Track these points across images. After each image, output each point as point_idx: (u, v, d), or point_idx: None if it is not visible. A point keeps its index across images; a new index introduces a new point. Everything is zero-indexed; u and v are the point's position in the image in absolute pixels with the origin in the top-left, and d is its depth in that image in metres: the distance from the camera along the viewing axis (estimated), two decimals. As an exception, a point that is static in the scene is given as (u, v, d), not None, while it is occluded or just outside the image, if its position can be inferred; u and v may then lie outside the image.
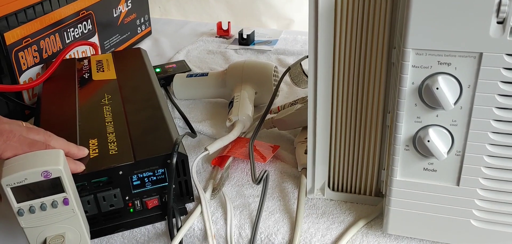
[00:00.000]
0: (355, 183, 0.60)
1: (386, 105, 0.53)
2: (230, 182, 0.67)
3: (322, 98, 0.55)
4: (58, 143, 0.56)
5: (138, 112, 0.67)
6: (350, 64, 0.52)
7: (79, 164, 0.56)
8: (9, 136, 0.52)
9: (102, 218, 0.59)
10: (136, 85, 0.75)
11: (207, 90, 0.86)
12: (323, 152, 0.59)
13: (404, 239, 0.56)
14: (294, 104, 0.77)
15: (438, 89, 0.43)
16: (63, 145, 0.56)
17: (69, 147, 0.56)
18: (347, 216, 0.60)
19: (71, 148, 0.56)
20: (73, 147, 0.57)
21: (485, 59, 0.42)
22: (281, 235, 0.58)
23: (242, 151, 0.69)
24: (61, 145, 0.56)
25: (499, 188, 0.48)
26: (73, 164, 0.55)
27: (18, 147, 0.52)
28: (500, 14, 0.39)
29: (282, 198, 0.63)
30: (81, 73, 0.80)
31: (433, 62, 0.43)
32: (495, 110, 0.44)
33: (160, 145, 0.59)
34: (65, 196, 0.51)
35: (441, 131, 0.46)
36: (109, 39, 1.05)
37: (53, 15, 0.87)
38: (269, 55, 1.08)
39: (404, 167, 0.50)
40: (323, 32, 0.51)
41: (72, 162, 0.55)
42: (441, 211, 0.51)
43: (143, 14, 1.18)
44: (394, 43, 0.49)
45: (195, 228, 0.60)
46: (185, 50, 1.12)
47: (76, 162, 0.56)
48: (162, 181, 0.60)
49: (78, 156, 0.57)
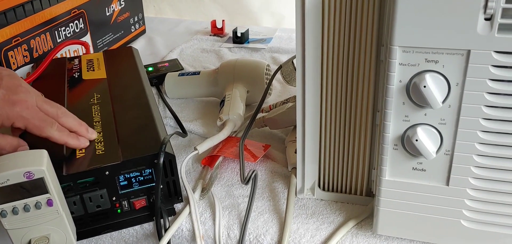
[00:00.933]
0: (345, 182, 0.60)
1: (376, 104, 0.52)
2: (219, 182, 0.66)
3: (310, 97, 0.54)
4: (69, 120, 0.58)
5: (126, 112, 0.66)
6: (339, 62, 0.52)
7: (83, 140, 0.58)
8: (23, 106, 0.54)
9: (89, 219, 0.59)
10: (126, 84, 0.74)
11: (199, 89, 0.86)
12: (312, 151, 0.58)
13: (394, 239, 0.55)
14: (285, 103, 0.76)
15: (426, 88, 0.42)
16: (74, 123, 0.58)
17: (79, 126, 0.58)
18: (337, 216, 0.59)
19: (80, 128, 0.58)
20: (83, 127, 0.59)
21: (473, 56, 0.41)
22: (270, 236, 0.57)
23: (232, 150, 0.68)
24: (72, 122, 0.58)
25: (489, 188, 0.47)
26: (76, 140, 0.57)
27: (29, 119, 0.54)
28: (488, 10, 0.38)
29: (272, 198, 0.62)
30: (71, 73, 0.79)
31: (420, 60, 0.42)
32: (484, 108, 0.43)
33: (148, 145, 0.59)
34: (49, 197, 0.51)
35: (429, 129, 0.46)
36: (102, 38, 1.05)
37: (44, 14, 0.86)
38: (263, 53, 1.07)
39: (393, 166, 0.49)
40: (311, 30, 0.50)
41: (75, 138, 0.57)
42: (431, 211, 0.50)
43: (137, 13, 1.17)
44: (383, 40, 0.48)
45: (183, 228, 0.59)
46: (178, 48, 1.12)
47: (80, 138, 0.58)
48: (150, 181, 0.59)
49: (86, 137, 0.59)
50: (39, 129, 0.55)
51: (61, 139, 0.56)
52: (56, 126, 0.56)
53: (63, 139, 0.56)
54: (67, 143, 0.57)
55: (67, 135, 0.57)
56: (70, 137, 0.57)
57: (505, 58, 0.40)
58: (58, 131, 0.56)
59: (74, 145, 0.57)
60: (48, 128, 0.55)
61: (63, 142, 0.56)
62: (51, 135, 0.55)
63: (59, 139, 0.56)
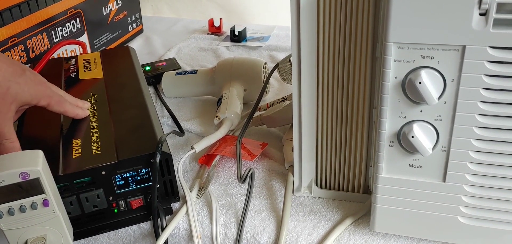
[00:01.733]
0: (342, 180, 0.59)
1: (372, 101, 0.52)
2: (216, 181, 0.66)
3: (307, 95, 0.54)
4: (67, 96, 0.65)
5: (123, 111, 0.66)
6: (335, 59, 0.51)
7: (84, 110, 0.65)
8: (47, 86, 0.61)
9: (86, 219, 0.58)
10: (123, 84, 0.74)
11: (196, 88, 0.85)
12: (309, 149, 0.58)
13: (391, 236, 0.55)
14: (283, 101, 0.76)
15: (421, 84, 0.42)
16: (72, 99, 0.65)
17: (76, 101, 0.66)
18: (334, 214, 0.59)
19: (77, 102, 0.66)
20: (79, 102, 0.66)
21: (468, 52, 0.41)
22: (267, 234, 0.57)
23: (229, 149, 0.68)
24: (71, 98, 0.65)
25: (486, 184, 0.47)
26: (82, 110, 0.65)
27: (52, 96, 0.60)
28: (482, 5, 0.38)
29: (269, 196, 0.62)
30: (68, 73, 0.79)
31: (415, 56, 0.42)
32: (480, 104, 0.43)
33: (144, 144, 0.58)
34: (45, 197, 0.50)
35: (425, 126, 0.45)
36: (99, 38, 1.04)
37: (40, 14, 0.86)
38: (261, 51, 1.07)
39: (389, 163, 0.49)
40: (306, 27, 0.50)
41: (80, 109, 0.65)
42: (427, 208, 0.50)
43: (134, 12, 1.17)
44: (378, 37, 0.48)
45: (180, 228, 0.59)
46: (176, 47, 1.11)
47: (77, 108, 0.64)
48: (147, 181, 0.59)
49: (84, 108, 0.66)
50: (59, 104, 0.61)
51: (73, 111, 0.64)
52: (68, 100, 0.64)
53: (74, 111, 0.64)
54: (78, 114, 0.65)
55: (77, 107, 0.65)
56: (78, 108, 0.65)
57: (500, 54, 0.40)
58: (70, 104, 0.64)
59: (83, 114, 0.65)
60: (64, 103, 0.62)
61: (75, 113, 0.64)
62: (67, 108, 0.63)
63: (72, 111, 0.64)
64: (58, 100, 0.61)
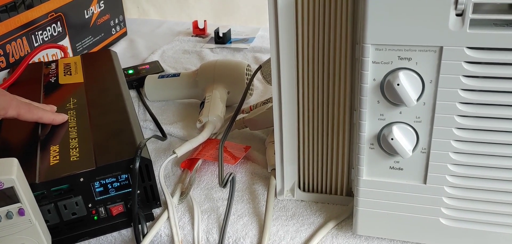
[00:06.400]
0: (325, 183, 0.59)
1: (353, 103, 0.52)
2: (198, 185, 0.65)
3: (287, 96, 0.53)
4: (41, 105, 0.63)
5: (103, 116, 0.65)
6: (314, 61, 0.51)
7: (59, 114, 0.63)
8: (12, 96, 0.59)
9: (65, 227, 0.57)
10: (103, 88, 0.73)
11: (179, 91, 0.85)
12: (291, 152, 0.57)
13: (374, 239, 0.54)
14: (266, 103, 0.75)
15: (400, 86, 0.42)
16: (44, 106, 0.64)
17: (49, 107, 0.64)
18: (317, 217, 0.58)
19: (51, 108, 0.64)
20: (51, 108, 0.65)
21: (445, 53, 0.40)
22: (249, 239, 0.56)
23: (211, 153, 0.67)
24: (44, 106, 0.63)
25: (467, 185, 0.46)
26: (60, 116, 0.63)
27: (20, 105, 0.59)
28: (459, 6, 0.38)
29: (252, 200, 0.62)
30: (48, 78, 0.78)
31: (393, 57, 0.42)
32: (458, 105, 0.42)
33: (123, 150, 0.57)
34: (20, 206, 0.49)
35: (405, 128, 0.45)
36: (81, 42, 1.03)
37: (20, 18, 0.85)
38: (246, 53, 1.06)
39: (370, 166, 0.49)
40: (284, 28, 0.49)
41: (59, 115, 0.63)
42: (409, 210, 0.50)
43: (118, 15, 1.16)
44: (357, 38, 0.48)
45: (161, 234, 0.58)
46: (160, 50, 1.10)
47: (51, 113, 0.62)
48: (127, 187, 0.58)
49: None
50: (30, 112, 0.60)
51: (49, 117, 0.62)
52: (41, 107, 0.62)
53: (50, 116, 0.62)
54: (55, 119, 0.62)
55: (52, 113, 0.62)
56: (54, 114, 0.63)
57: (477, 54, 0.40)
58: (43, 111, 0.61)
59: (60, 119, 0.63)
60: (36, 109, 0.61)
61: (51, 119, 0.62)
62: (41, 114, 0.61)
63: (48, 117, 0.62)
64: (28, 108, 0.60)
